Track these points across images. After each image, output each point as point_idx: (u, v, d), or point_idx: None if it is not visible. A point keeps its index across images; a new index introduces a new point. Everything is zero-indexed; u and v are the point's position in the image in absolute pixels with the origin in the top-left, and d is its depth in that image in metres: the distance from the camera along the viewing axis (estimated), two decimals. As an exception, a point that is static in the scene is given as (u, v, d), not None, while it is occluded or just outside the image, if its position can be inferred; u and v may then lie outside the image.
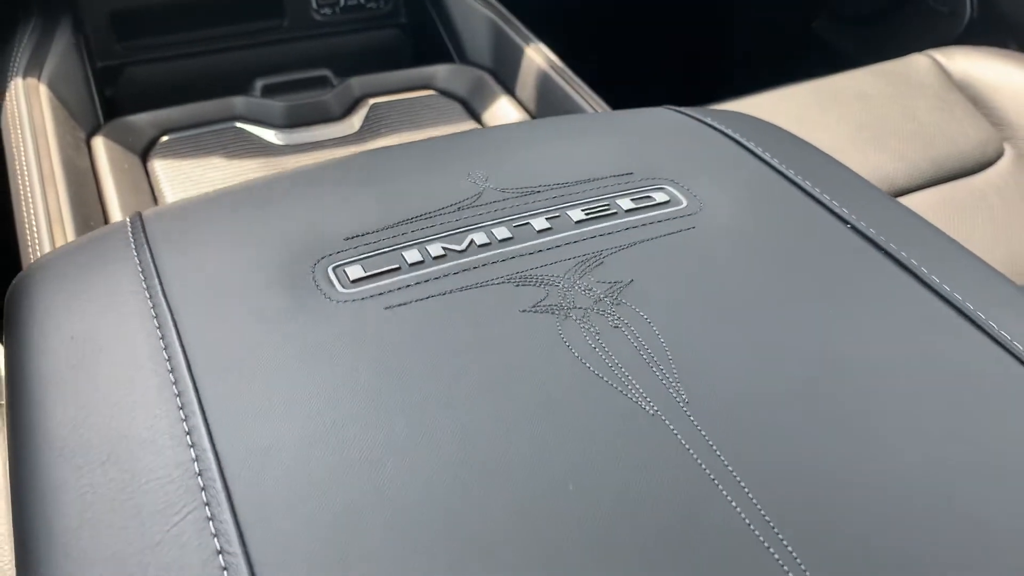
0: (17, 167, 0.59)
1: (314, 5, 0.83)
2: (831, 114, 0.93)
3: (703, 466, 0.29)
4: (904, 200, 0.86)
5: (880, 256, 0.39)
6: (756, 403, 0.32)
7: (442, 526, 0.27)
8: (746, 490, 0.29)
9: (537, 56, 0.73)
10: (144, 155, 0.67)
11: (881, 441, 0.31)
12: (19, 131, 0.61)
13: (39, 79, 0.66)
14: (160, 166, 0.66)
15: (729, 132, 0.47)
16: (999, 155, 0.93)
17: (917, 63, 1.03)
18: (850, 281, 0.38)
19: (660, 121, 0.49)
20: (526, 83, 0.73)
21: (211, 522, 0.27)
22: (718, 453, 0.30)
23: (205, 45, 0.80)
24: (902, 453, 0.30)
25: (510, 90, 0.75)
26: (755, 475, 0.29)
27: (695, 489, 0.29)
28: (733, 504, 0.28)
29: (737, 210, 0.41)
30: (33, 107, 0.64)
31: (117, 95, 0.76)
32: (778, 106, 0.93)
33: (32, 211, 0.55)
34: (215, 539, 0.27)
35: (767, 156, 0.45)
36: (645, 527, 0.28)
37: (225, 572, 0.26)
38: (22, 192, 0.57)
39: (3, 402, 0.44)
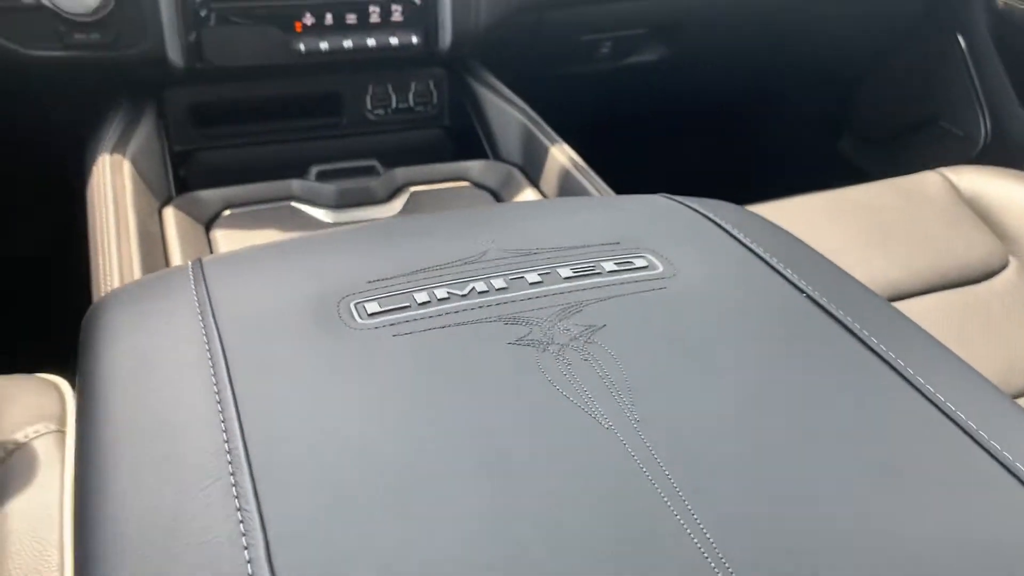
0: (98, 225, 0.68)
1: (369, 106, 0.94)
2: (841, 222, 1.00)
3: (646, 472, 0.35)
4: (905, 303, 0.91)
5: (833, 323, 0.44)
6: (699, 427, 0.37)
7: (421, 496, 0.33)
8: (679, 493, 0.34)
9: (560, 155, 0.82)
10: (208, 225, 0.76)
11: (819, 488, 0.36)
12: (103, 196, 0.71)
13: (124, 155, 0.76)
14: (220, 235, 0.74)
15: (710, 215, 0.54)
16: (1003, 267, 0.97)
17: (928, 179, 1.09)
18: (798, 338, 0.43)
19: (652, 204, 0.56)
20: (549, 178, 0.82)
21: (234, 487, 0.33)
22: (660, 464, 0.35)
23: (270, 136, 0.91)
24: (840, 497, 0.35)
25: (535, 184, 0.84)
26: (688, 481, 0.34)
27: (635, 491, 0.34)
28: (668, 504, 0.33)
29: (706, 276, 0.47)
30: (116, 178, 0.73)
31: (189, 174, 0.87)
32: (791, 212, 1.00)
33: (107, 262, 0.64)
34: (236, 499, 0.33)
35: (740, 236, 0.51)
36: (591, 520, 0.33)
37: (241, 524, 0.32)
38: (100, 246, 0.66)
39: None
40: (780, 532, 0.33)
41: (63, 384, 0.65)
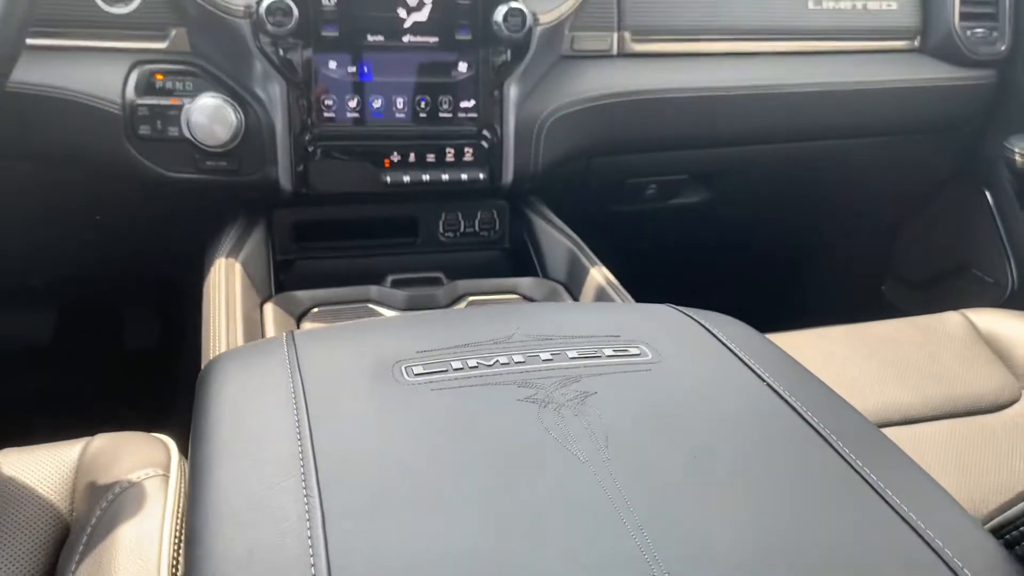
0: (211, 311, 0.84)
1: (440, 230, 1.10)
2: (860, 352, 1.09)
3: (609, 495, 0.46)
4: (914, 428, 0.99)
5: (791, 412, 0.55)
6: (656, 467, 0.48)
7: (442, 499, 0.45)
8: (633, 512, 0.45)
9: (598, 275, 0.96)
10: (299, 318, 0.91)
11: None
12: (218, 289, 0.88)
13: (236, 259, 0.94)
14: (308, 325, 0.90)
15: (702, 321, 0.66)
16: (1015, 400, 1.04)
17: (949, 318, 1.18)
18: (751, 413, 0.54)
19: (654, 310, 0.68)
20: (587, 294, 0.95)
21: (303, 482, 0.46)
22: (620, 490, 0.46)
23: (356, 251, 1.07)
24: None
25: (575, 298, 0.97)
26: (642, 504, 0.45)
27: (598, 507, 0.45)
28: (623, 520, 0.44)
29: (686, 363, 0.59)
30: (229, 276, 0.90)
31: (287, 279, 1.03)
32: (811, 341, 1.10)
33: (216, 338, 0.79)
34: (304, 490, 0.45)
35: (722, 337, 0.63)
36: (563, 524, 0.44)
37: (307, 508, 0.44)
38: (212, 326, 0.81)
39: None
40: (715, 550, 0.44)
41: (169, 441, 0.80)
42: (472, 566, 0.41)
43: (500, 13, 0.97)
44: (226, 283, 0.89)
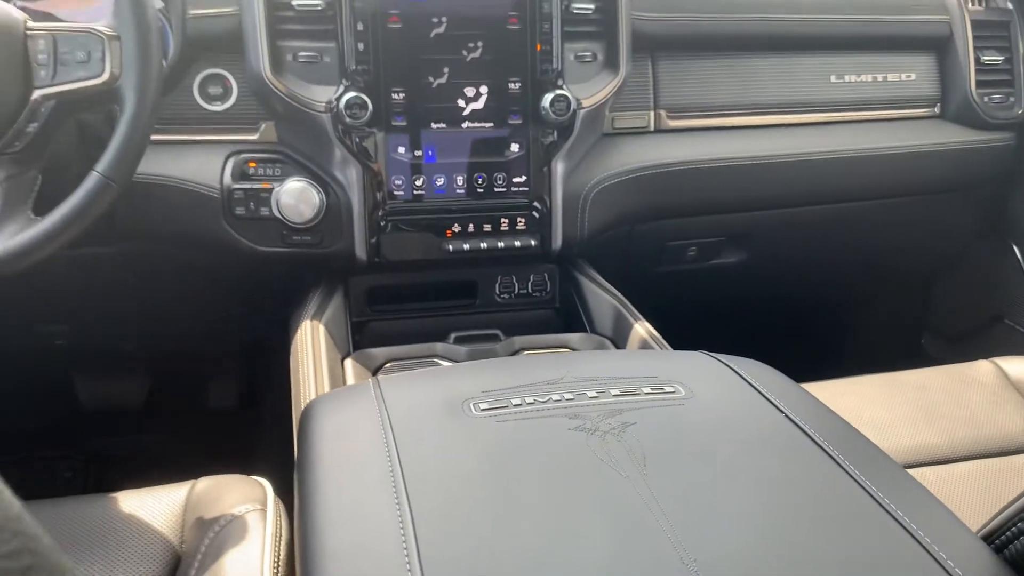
0: (300, 367, 0.96)
1: (497, 292, 1.22)
2: (892, 398, 1.16)
3: (646, 503, 0.55)
4: (944, 468, 1.05)
5: (813, 446, 0.64)
6: (688, 482, 0.58)
7: (506, 505, 0.55)
8: (669, 521, 0.54)
9: (641, 329, 1.06)
10: (375, 372, 1.03)
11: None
12: (306, 349, 1.00)
13: (320, 321, 1.06)
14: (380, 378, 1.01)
15: (732, 366, 0.75)
16: (1043, 440, 1.10)
17: (980, 367, 1.24)
18: (771, 443, 0.63)
19: (690, 356, 0.78)
20: (631, 347, 1.05)
21: (395, 493, 0.56)
22: (657, 500, 0.56)
23: (422, 312, 1.19)
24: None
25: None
26: (677, 513, 0.55)
27: (638, 515, 0.55)
28: (660, 526, 0.54)
29: (716, 400, 0.69)
30: (314, 337, 1.02)
31: (362, 338, 1.15)
32: (846, 388, 1.17)
33: (306, 391, 0.91)
34: (395, 499, 0.56)
35: (750, 379, 0.72)
36: (606, 530, 0.54)
37: (399, 513, 0.54)
38: (301, 379, 0.93)
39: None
40: (736, 550, 0.53)
41: (264, 481, 0.91)
42: (531, 559, 0.51)
43: (547, 100, 1.10)
44: (312, 341, 1.01)
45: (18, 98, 0.85)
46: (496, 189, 1.13)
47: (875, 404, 1.14)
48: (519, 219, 1.14)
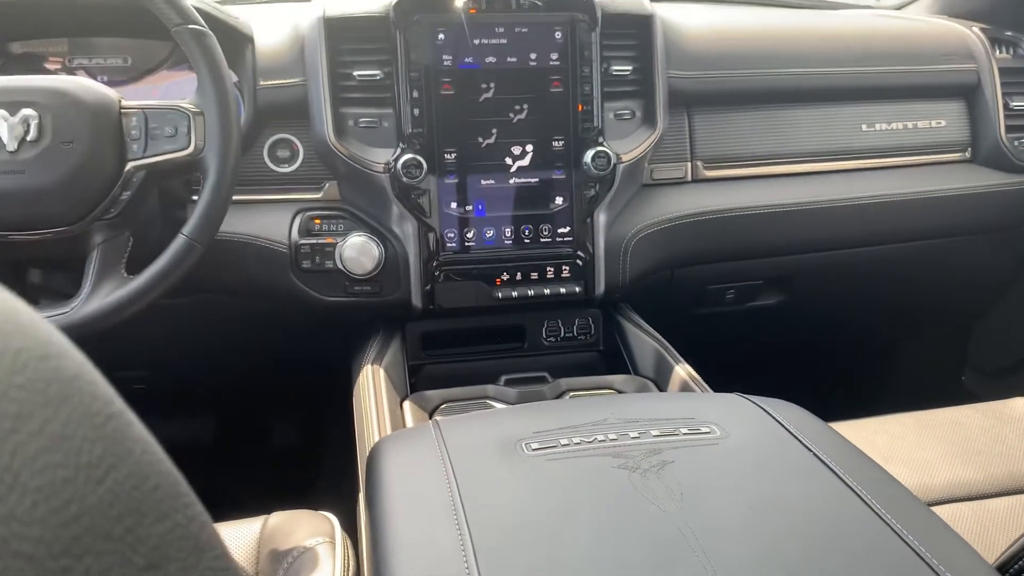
0: (363, 409, 1.04)
1: (544, 336, 1.29)
2: (927, 436, 1.19)
3: (684, 535, 0.61)
4: (976, 504, 1.08)
5: (836, 480, 0.69)
6: (721, 513, 0.64)
7: (560, 532, 0.61)
8: (704, 549, 0.60)
9: (682, 371, 1.11)
10: (431, 413, 1.10)
11: None
12: (368, 392, 1.08)
13: (380, 366, 1.14)
14: (440, 419, 1.08)
15: (765, 407, 0.81)
16: (1079, 476, 1.13)
17: (1016, 403, 1.27)
18: (806, 491, 0.69)
19: (725, 398, 0.84)
20: (672, 388, 1.11)
21: (457, 525, 0.63)
22: (693, 531, 0.62)
23: (474, 355, 1.27)
24: None
25: (662, 391, 1.13)
26: (711, 544, 0.61)
27: (674, 544, 0.61)
28: (695, 553, 0.60)
29: (748, 440, 0.74)
30: (375, 381, 1.10)
31: (418, 380, 1.23)
32: (882, 427, 1.21)
33: (369, 432, 0.99)
34: (458, 530, 0.63)
35: (783, 421, 0.78)
36: (647, 555, 0.60)
37: (461, 543, 0.61)
38: (365, 421, 1.01)
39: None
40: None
41: (331, 516, 0.99)
42: None
43: (589, 155, 1.18)
44: (373, 384, 1.09)
45: (114, 170, 0.96)
46: (542, 239, 1.21)
47: (910, 442, 1.18)
48: (564, 267, 1.22)
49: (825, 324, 1.64)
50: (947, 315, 1.71)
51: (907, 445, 1.18)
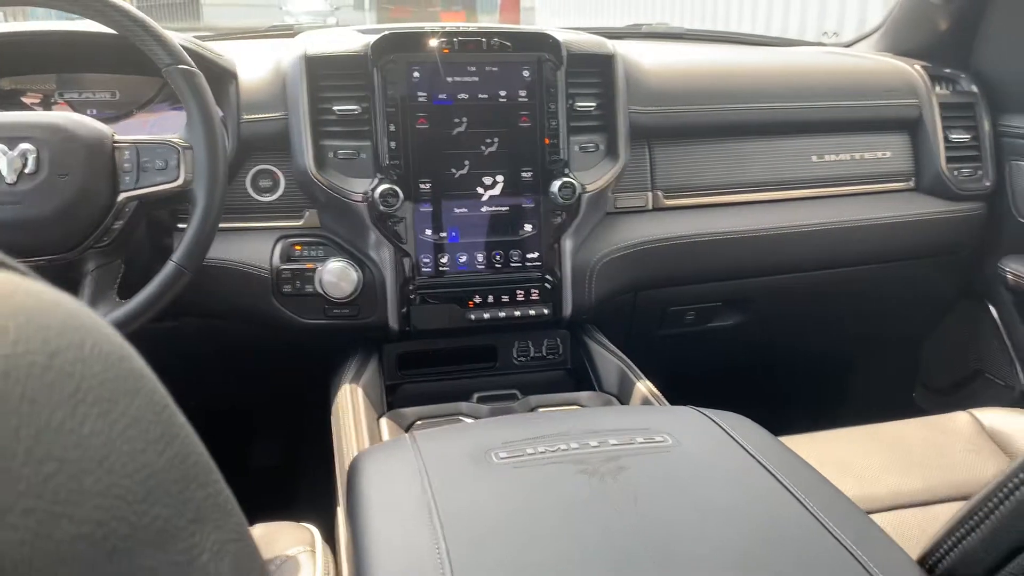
0: (342, 426, 1.10)
1: (514, 355, 1.36)
2: (872, 449, 1.27)
3: (636, 530, 0.68)
4: (919, 510, 1.15)
5: (777, 484, 0.76)
6: (670, 514, 0.70)
7: (524, 529, 0.68)
8: (651, 541, 0.67)
9: (643, 388, 1.19)
10: (407, 429, 1.16)
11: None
12: (347, 410, 1.14)
13: (358, 384, 1.20)
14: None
15: (715, 419, 0.88)
16: (1015, 486, 1.21)
17: (957, 417, 1.36)
18: (747, 492, 0.76)
19: (679, 411, 0.91)
20: (635, 404, 1.18)
21: (431, 526, 0.69)
22: (645, 528, 0.68)
23: (447, 375, 1.33)
24: None
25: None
26: (661, 544, 0.67)
27: (623, 535, 0.67)
28: (644, 547, 0.67)
29: (698, 448, 0.81)
30: (354, 399, 1.16)
31: (395, 399, 1.29)
32: (831, 441, 1.28)
33: (348, 447, 1.05)
34: (432, 531, 0.69)
35: (731, 432, 0.85)
36: (599, 541, 0.67)
37: (436, 543, 0.68)
38: (344, 437, 1.07)
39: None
40: (707, 567, 0.65)
41: (312, 527, 1.04)
42: (546, 572, 0.64)
43: (556, 186, 1.26)
44: (351, 402, 1.15)
45: (108, 200, 1.01)
46: (512, 264, 1.28)
47: (856, 454, 1.26)
48: (533, 290, 1.29)
49: (781, 344, 1.72)
50: (898, 335, 1.80)
51: (854, 456, 1.26)
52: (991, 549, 0.66)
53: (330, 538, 1.02)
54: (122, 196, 1.02)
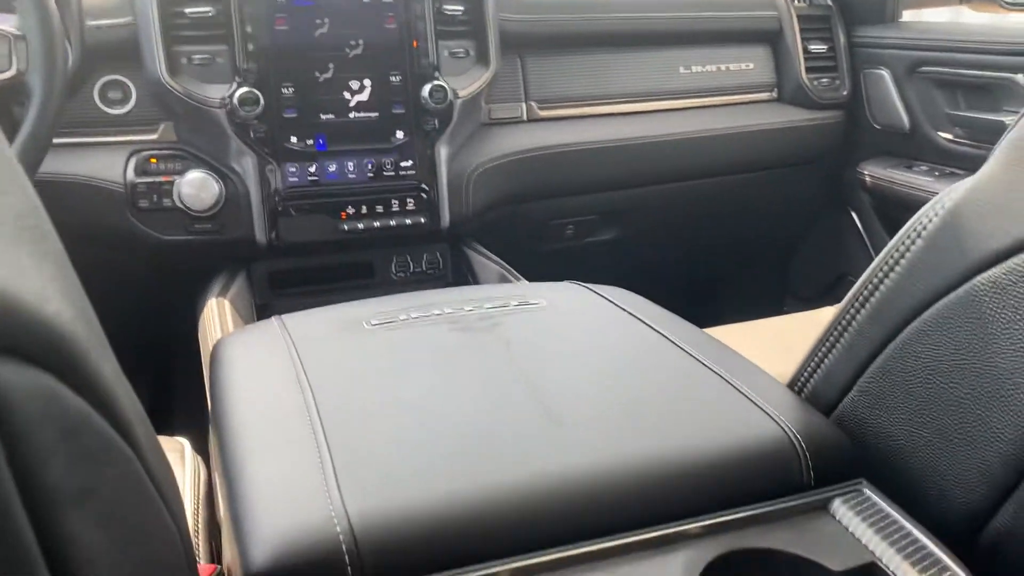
0: (208, 334, 1.04)
1: (393, 271, 1.32)
2: (751, 340, 1.30)
3: (508, 368, 0.67)
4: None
5: (652, 331, 0.76)
6: (541, 355, 0.69)
7: (397, 377, 0.65)
8: (523, 376, 0.66)
9: (525, 282, 1.18)
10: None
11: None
12: (212, 324, 1.08)
13: (225, 298, 1.14)
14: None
15: (593, 288, 0.88)
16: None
17: (825, 311, 1.41)
18: (615, 332, 0.76)
19: (557, 284, 0.90)
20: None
21: (303, 396, 0.66)
22: (515, 367, 0.67)
23: (322, 293, 1.29)
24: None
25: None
26: (529, 374, 0.66)
27: (501, 376, 0.66)
28: (517, 381, 0.65)
29: (568, 306, 0.81)
30: (220, 311, 1.11)
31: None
32: (711, 334, 1.32)
33: (213, 335, 0.99)
34: (301, 392, 0.65)
35: (609, 296, 0.85)
36: (475, 372, 0.65)
37: (307, 412, 0.64)
38: (209, 335, 1.01)
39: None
40: (589, 400, 0.64)
41: (182, 439, 0.99)
42: (417, 418, 0.62)
43: (426, 90, 1.23)
44: (218, 315, 1.09)
45: None
46: (385, 173, 1.24)
47: (740, 339, 1.29)
48: (408, 199, 1.26)
49: (657, 260, 1.75)
50: (769, 246, 1.86)
51: (736, 341, 1.29)
52: (849, 360, 0.69)
53: (203, 450, 0.97)
54: None
